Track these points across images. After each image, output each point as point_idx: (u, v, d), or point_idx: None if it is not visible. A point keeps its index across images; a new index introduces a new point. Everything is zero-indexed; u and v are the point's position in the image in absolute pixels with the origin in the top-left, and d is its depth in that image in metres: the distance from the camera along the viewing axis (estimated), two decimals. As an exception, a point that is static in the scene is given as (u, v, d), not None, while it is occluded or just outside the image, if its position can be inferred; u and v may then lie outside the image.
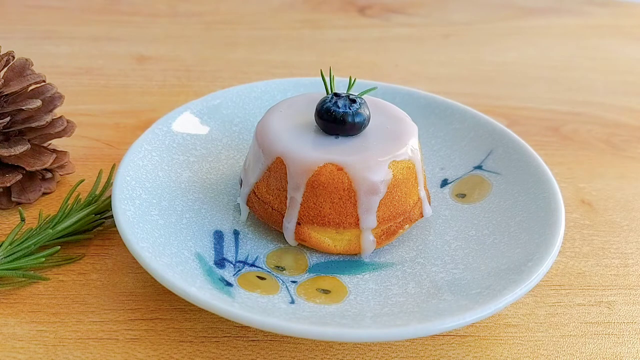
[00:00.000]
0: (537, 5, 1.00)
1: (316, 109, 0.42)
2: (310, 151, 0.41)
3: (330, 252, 0.43)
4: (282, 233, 0.44)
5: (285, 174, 0.41)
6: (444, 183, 0.50)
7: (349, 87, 0.45)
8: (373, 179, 0.40)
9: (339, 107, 0.41)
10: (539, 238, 0.40)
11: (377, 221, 0.42)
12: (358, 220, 0.41)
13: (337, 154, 0.40)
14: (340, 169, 0.40)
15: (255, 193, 0.44)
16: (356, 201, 0.41)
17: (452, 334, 0.39)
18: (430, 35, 0.88)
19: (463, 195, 0.49)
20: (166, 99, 0.66)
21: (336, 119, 0.41)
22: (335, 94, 0.42)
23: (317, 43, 0.82)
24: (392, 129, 0.43)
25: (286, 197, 0.42)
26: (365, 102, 0.43)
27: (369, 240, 0.42)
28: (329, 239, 0.42)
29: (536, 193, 0.45)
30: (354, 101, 0.42)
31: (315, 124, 0.43)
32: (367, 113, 0.42)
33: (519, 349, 0.39)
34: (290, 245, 0.44)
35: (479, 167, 0.50)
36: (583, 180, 0.56)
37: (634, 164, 0.59)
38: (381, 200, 0.41)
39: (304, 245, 0.43)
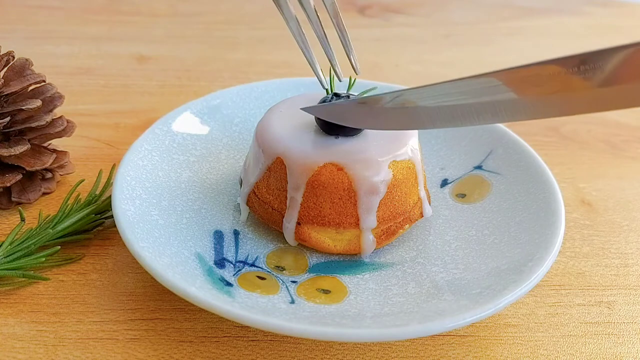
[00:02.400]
0: (537, 5, 1.00)
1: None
2: (311, 151, 0.41)
3: (330, 252, 0.43)
4: (282, 233, 0.44)
5: (286, 174, 0.41)
6: (444, 183, 0.50)
7: (349, 87, 0.45)
8: (373, 179, 0.40)
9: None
10: (539, 238, 0.40)
11: (377, 221, 0.42)
12: (358, 220, 0.41)
13: (337, 154, 0.40)
14: (340, 168, 0.40)
15: (255, 193, 0.44)
16: (356, 201, 0.41)
17: (452, 334, 0.39)
18: (430, 35, 0.88)
19: (463, 195, 0.49)
20: (166, 99, 0.66)
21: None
22: (335, 94, 0.42)
23: (317, 43, 0.82)
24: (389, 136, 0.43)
25: (286, 197, 0.42)
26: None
27: (369, 240, 0.42)
28: (329, 238, 0.42)
29: (536, 193, 0.45)
30: (348, 97, 0.42)
31: (315, 124, 0.43)
32: None
33: (519, 349, 0.39)
34: (290, 245, 0.44)
35: (479, 167, 0.50)
36: (583, 180, 0.56)
37: (634, 164, 0.59)
38: (381, 200, 0.41)
39: (304, 245, 0.43)
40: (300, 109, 0.41)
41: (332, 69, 0.43)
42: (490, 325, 0.40)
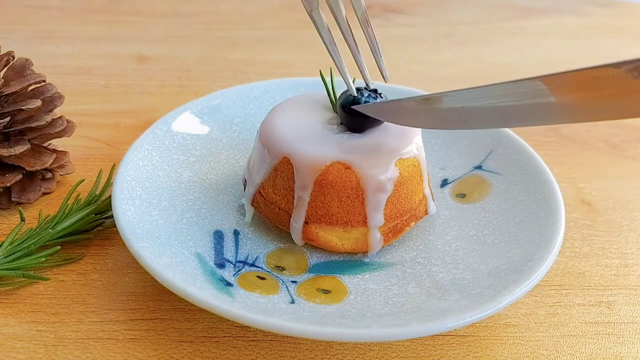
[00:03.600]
0: (537, 5, 1.00)
1: (340, 102, 0.42)
2: (318, 150, 0.41)
3: (337, 251, 0.43)
4: (283, 233, 0.44)
5: (292, 173, 0.41)
6: (444, 183, 0.50)
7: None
8: (380, 177, 0.40)
9: (366, 99, 0.41)
10: (539, 238, 0.40)
11: (385, 219, 0.42)
12: (365, 218, 0.41)
13: (345, 153, 0.40)
14: (347, 167, 0.40)
15: (260, 193, 0.44)
16: (364, 199, 0.41)
17: (452, 334, 0.39)
18: (430, 35, 0.88)
19: (463, 195, 0.49)
20: (166, 99, 0.66)
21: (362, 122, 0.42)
22: (357, 89, 0.42)
23: (317, 43, 0.82)
24: (397, 126, 0.43)
25: (293, 196, 0.42)
26: (383, 93, 0.42)
27: (376, 238, 0.42)
28: (336, 237, 0.42)
29: (536, 193, 0.45)
30: (376, 91, 0.42)
31: (320, 123, 0.43)
32: None
33: (519, 349, 0.39)
34: (290, 245, 0.44)
35: (479, 167, 0.50)
36: (583, 180, 0.56)
37: (634, 164, 0.59)
38: (388, 198, 0.41)
39: (308, 244, 0.43)
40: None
41: (361, 75, 0.43)
42: (490, 325, 0.40)
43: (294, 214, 0.42)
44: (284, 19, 0.90)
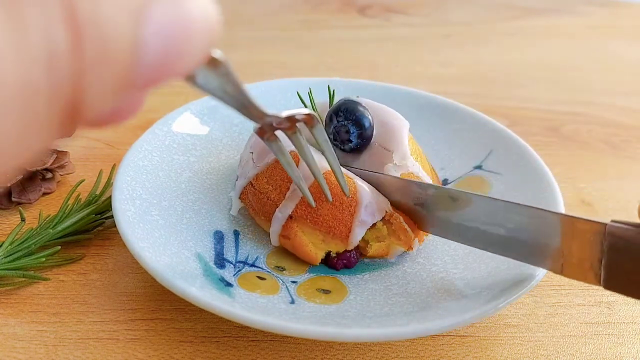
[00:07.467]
0: (537, 5, 1.00)
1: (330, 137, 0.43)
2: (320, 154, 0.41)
3: (308, 260, 0.42)
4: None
5: (297, 165, 0.40)
6: (444, 183, 0.50)
7: (331, 100, 0.45)
8: (376, 198, 0.41)
9: (351, 140, 0.43)
10: (539, 238, 0.40)
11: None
12: (349, 232, 0.41)
13: (350, 163, 0.42)
14: (349, 177, 0.41)
15: (252, 184, 0.44)
16: (355, 212, 0.41)
17: (452, 334, 0.39)
18: (430, 35, 0.88)
19: (463, 195, 0.49)
20: (166, 99, 0.66)
21: (352, 148, 0.43)
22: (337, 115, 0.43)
23: (317, 43, 0.82)
24: (383, 144, 0.44)
25: (287, 188, 0.42)
26: (365, 117, 0.43)
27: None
28: (312, 244, 0.41)
29: (536, 193, 0.45)
30: (359, 125, 0.42)
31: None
32: (370, 133, 0.43)
33: (519, 349, 0.39)
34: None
35: (479, 167, 0.50)
36: (583, 180, 0.56)
37: (634, 164, 0.59)
38: None
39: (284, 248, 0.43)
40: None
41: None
42: (490, 325, 0.40)
43: (282, 205, 0.42)
44: (283, 19, 0.90)
